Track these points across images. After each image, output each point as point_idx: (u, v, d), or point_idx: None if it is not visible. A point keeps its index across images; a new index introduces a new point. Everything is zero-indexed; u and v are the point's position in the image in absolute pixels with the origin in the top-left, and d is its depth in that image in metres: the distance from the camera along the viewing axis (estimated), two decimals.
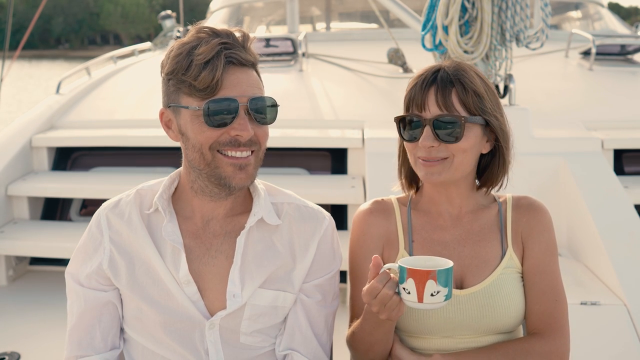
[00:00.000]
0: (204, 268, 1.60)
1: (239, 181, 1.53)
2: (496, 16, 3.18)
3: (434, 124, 1.60)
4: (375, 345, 1.63)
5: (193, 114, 1.50)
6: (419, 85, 1.64)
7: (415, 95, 1.63)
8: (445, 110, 1.61)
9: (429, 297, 1.40)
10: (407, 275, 1.41)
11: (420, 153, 1.64)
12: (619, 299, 2.59)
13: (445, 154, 1.62)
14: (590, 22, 6.45)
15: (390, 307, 1.44)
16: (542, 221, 1.71)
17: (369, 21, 6.42)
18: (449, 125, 1.60)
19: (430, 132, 1.61)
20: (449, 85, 1.61)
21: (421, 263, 1.46)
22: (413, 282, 1.40)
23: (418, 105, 1.63)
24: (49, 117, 4.02)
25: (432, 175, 1.64)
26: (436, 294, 1.41)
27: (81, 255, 1.66)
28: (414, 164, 1.68)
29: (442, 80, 1.62)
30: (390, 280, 1.44)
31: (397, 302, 1.44)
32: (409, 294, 1.41)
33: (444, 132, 1.60)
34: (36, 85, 23.87)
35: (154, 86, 3.55)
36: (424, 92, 1.62)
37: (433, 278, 1.40)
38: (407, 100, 1.66)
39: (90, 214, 3.57)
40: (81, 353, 1.62)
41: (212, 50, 1.46)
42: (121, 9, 71.88)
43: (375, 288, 1.44)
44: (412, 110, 1.64)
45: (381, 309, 1.45)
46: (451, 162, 1.63)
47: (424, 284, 1.40)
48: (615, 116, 3.86)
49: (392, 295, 1.43)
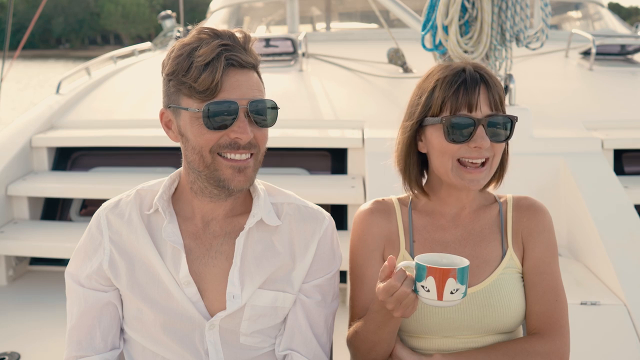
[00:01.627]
0: (204, 269, 1.60)
1: (237, 184, 1.53)
2: (496, 16, 3.18)
3: (488, 123, 1.60)
4: (378, 344, 1.63)
5: (193, 116, 1.50)
6: (468, 83, 1.60)
7: (464, 95, 1.60)
8: (494, 110, 1.61)
9: (448, 295, 1.40)
10: (427, 273, 1.41)
11: (468, 154, 1.61)
12: (619, 299, 2.59)
13: (489, 154, 1.62)
14: (590, 22, 6.45)
15: (406, 304, 1.44)
16: (542, 222, 1.71)
17: (369, 21, 6.42)
18: (501, 125, 1.61)
19: (484, 131, 1.60)
20: (493, 85, 1.62)
21: (436, 260, 1.46)
22: (433, 281, 1.40)
23: (470, 105, 1.60)
24: (49, 117, 4.02)
25: (478, 182, 1.63)
26: (455, 292, 1.41)
27: (81, 256, 1.66)
28: (449, 169, 1.63)
29: (489, 80, 1.62)
30: (408, 278, 1.44)
31: (413, 299, 1.44)
32: (428, 292, 1.41)
33: (496, 131, 1.60)
34: (36, 85, 23.88)
35: (154, 86, 3.56)
36: (474, 92, 1.60)
37: (453, 276, 1.40)
38: (453, 100, 1.61)
39: (90, 214, 3.58)
40: (81, 353, 1.62)
41: (213, 52, 1.46)
42: (122, 8, 71.91)
43: (393, 286, 1.43)
44: (460, 110, 1.60)
45: (397, 307, 1.45)
46: (490, 164, 1.63)
47: (445, 282, 1.40)
48: (615, 116, 3.85)
49: (410, 293, 1.43)
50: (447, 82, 1.62)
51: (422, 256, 1.47)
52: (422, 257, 1.46)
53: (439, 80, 1.64)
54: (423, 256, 1.47)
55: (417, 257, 1.46)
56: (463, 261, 1.44)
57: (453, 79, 1.61)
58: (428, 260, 1.45)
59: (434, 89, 1.64)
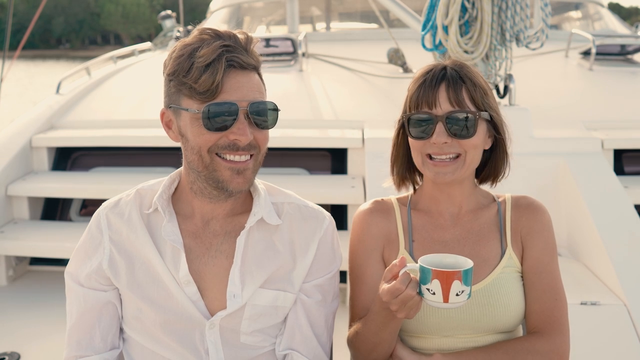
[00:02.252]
0: (204, 268, 1.60)
1: (236, 185, 1.53)
2: (496, 16, 3.18)
3: (447, 120, 1.61)
4: (379, 345, 1.63)
5: (193, 117, 1.50)
6: (428, 82, 1.64)
7: (424, 93, 1.63)
8: (457, 107, 1.62)
9: (454, 297, 1.40)
10: (433, 276, 1.40)
11: (431, 150, 1.64)
12: (619, 299, 2.59)
13: (457, 150, 1.63)
14: (590, 22, 6.46)
15: (410, 306, 1.45)
16: (541, 221, 1.72)
17: (369, 21, 6.42)
18: (462, 121, 1.61)
19: (443, 128, 1.62)
20: (459, 81, 1.63)
21: (439, 260, 1.46)
22: (439, 283, 1.40)
23: (429, 103, 1.63)
24: (49, 117, 4.02)
25: (445, 175, 1.64)
26: (461, 294, 1.41)
27: (81, 255, 1.66)
28: (420, 163, 1.68)
29: (452, 77, 1.63)
30: (412, 280, 1.44)
31: (417, 301, 1.45)
32: (434, 295, 1.41)
33: (458, 127, 1.61)
34: (37, 85, 23.88)
35: (154, 86, 3.56)
36: (434, 89, 1.63)
37: (459, 278, 1.39)
38: (415, 98, 1.66)
39: (90, 214, 3.57)
40: (81, 353, 1.62)
41: (214, 53, 1.45)
42: (122, 9, 71.94)
43: (397, 289, 1.44)
44: (422, 107, 1.64)
45: (401, 308, 1.46)
46: (463, 160, 1.64)
47: (450, 284, 1.39)
48: (615, 116, 3.86)
49: (414, 296, 1.44)
50: (414, 80, 1.68)
51: (425, 258, 1.46)
52: (426, 258, 1.46)
53: (413, 79, 1.69)
54: (427, 258, 1.46)
55: (420, 259, 1.45)
56: (467, 262, 1.44)
57: (419, 78, 1.67)
58: (432, 262, 1.44)
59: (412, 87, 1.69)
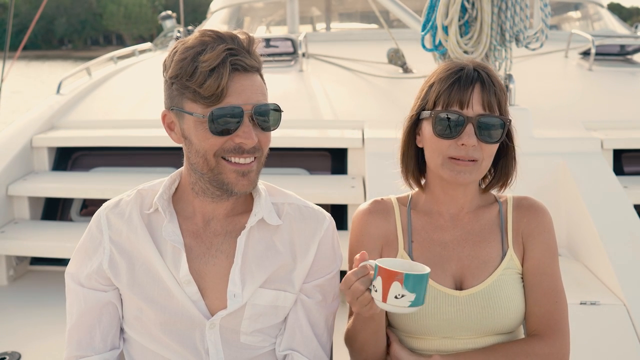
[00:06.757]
0: (205, 268, 1.60)
1: (241, 187, 1.54)
2: (496, 16, 3.18)
3: (478, 122, 1.59)
4: (366, 344, 1.64)
5: (197, 121, 1.49)
6: (462, 81, 1.60)
7: (457, 91, 1.60)
8: (487, 110, 1.60)
9: (392, 299, 1.40)
10: (377, 273, 1.42)
11: (456, 152, 1.61)
12: (619, 299, 2.59)
13: (478, 155, 1.61)
14: (590, 23, 6.46)
15: (361, 302, 1.45)
16: (542, 222, 1.71)
17: (369, 21, 6.43)
18: (492, 126, 1.59)
19: (474, 130, 1.59)
20: (491, 85, 1.61)
21: (399, 264, 1.46)
22: (380, 281, 1.41)
23: (461, 102, 1.59)
24: (50, 117, 4.03)
25: (464, 175, 1.61)
26: (400, 297, 1.40)
27: (81, 256, 1.66)
28: (439, 163, 1.64)
29: (485, 80, 1.60)
30: (365, 276, 1.44)
31: (368, 298, 1.44)
32: (376, 292, 1.42)
33: (487, 132, 1.59)
34: (38, 85, 23.89)
35: (155, 86, 3.56)
36: (469, 89, 1.60)
37: (399, 280, 1.39)
38: (446, 95, 1.61)
39: (90, 214, 3.58)
40: (81, 353, 1.62)
41: (218, 57, 1.44)
42: (124, 9, 71.92)
43: (349, 280, 1.45)
44: (452, 106, 1.60)
45: (353, 302, 1.46)
46: (480, 164, 1.62)
47: (390, 284, 1.40)
48: (615, 116, 3.85)
49: (364, 291, 1.43)
50: (444, 77, 1.63)
51: (385, 259, 1.47)
52: (386, 259, 1.46)
53: (438, 75, 1.65)
54: (388, 259, 1.47)
55: (379, 259, 1.45)
56: (422, 270, 1.43)
57: (450, 75, 1.62)
58: (389, 263, 1.44)
59: (433, 84, 1.65)
